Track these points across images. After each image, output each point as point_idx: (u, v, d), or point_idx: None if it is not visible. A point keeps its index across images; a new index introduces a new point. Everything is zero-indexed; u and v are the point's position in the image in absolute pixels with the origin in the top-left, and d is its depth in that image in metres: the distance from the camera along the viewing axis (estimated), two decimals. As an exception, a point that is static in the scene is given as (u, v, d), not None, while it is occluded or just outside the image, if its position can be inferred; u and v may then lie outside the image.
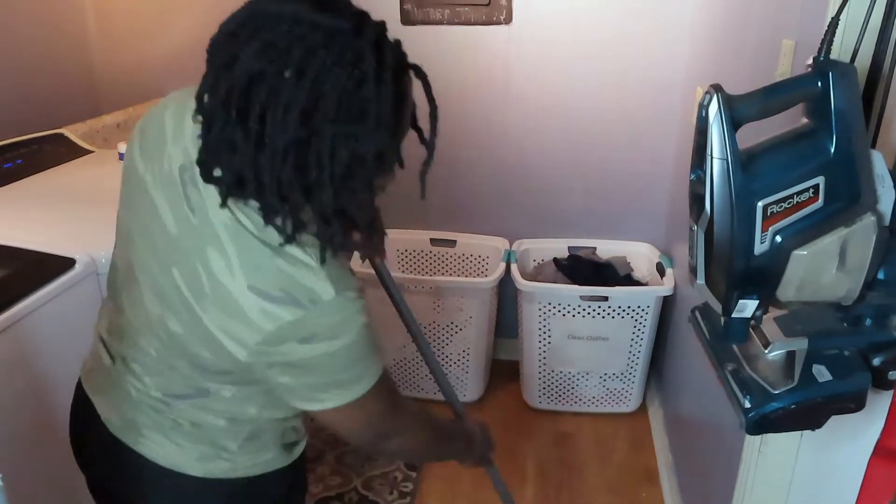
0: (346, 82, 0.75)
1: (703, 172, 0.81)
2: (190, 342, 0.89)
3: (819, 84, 0.82)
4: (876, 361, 0.88)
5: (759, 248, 0.82)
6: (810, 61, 0.85)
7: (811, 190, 0.81)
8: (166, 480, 0.98)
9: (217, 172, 0.81)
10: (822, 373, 0.88)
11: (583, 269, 2.54)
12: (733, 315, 0.87)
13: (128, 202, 0.96)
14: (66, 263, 1.40)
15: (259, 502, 1.05)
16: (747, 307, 0.86)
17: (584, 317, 2.39)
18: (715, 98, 0.79)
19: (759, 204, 0.80)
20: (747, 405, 0.88)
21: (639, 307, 2.37)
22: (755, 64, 1.56)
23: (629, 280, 2.55)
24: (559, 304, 2.38)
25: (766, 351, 0.93)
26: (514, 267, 2.46)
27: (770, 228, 0.81)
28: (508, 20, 2.42)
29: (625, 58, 2.42)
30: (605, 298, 2.35)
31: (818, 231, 0.82)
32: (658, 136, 2.50)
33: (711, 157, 0.80)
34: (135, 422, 0.98)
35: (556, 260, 2.63)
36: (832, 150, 0.81)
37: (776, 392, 0.88)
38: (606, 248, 2.66)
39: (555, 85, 2.49)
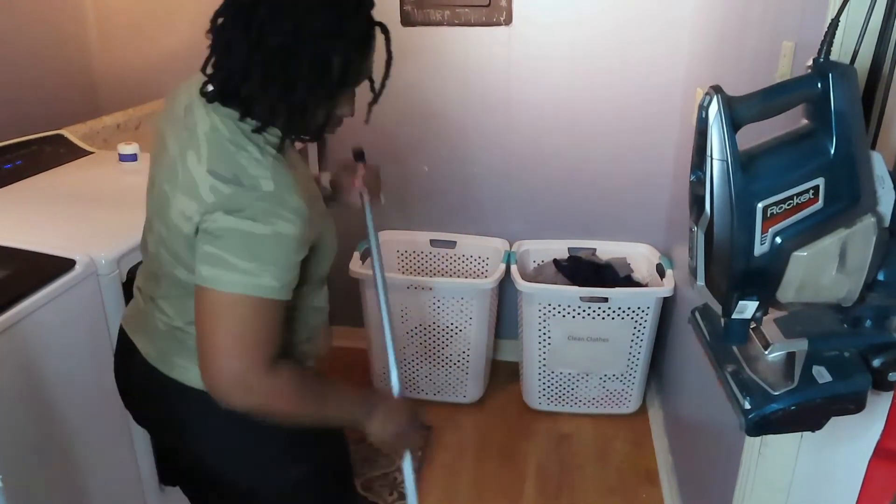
0: (331, 12, 0.99)
1: (703, 173, 0.81)
2: (168, 239, 1.07)
3: (819, 85, 0.82)
4: (876, 363, 0.88)
5: (759, 249, 0.82)
6: (810, 62, 0.85)
7: (811, 191, 0.81)
8: (195, 399, 1.10)
9: (209, 87, 1.04)
10: (822, 374, 0.88)
11: (583, 271, 2.55)
12: (733, 316, 0.87)
13: (153, 159, 1.15)
14: (66, 264, 1.40)
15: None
16: (747, 308, 0.86)
17: (584, 318, 2.39)
18: (715, 99, 0.79)
19: (759, 205, 0.80)
20: (747, 406, 0.88)
21: (639, 308, 2.37)
22: (755, 65, 1.56)
23: (629, 281, 2.55)
24: (559, 306, 2.38)
25: (766, 352, 0.93)
26: (513, 268, 2.46)
27: (770, 230, 0.81)
28: (508, 21, 2.42)
29: (625, 59, 2.42)
30: (605, 299, 2.35)
31: (818, 232, 0.82)
32: (658, 137, 2.50)
33: (711, 159, 0.80)
34: (166, 352, 1.16)
35: (556, 261, 2.63)
36: (832, 152, 0.81)
37: (776, 393, 0.88)
38: (606, 250, 2.66)
39: (554, 86, 2.50)
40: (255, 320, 1.00)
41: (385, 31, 1.09)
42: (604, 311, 2.38)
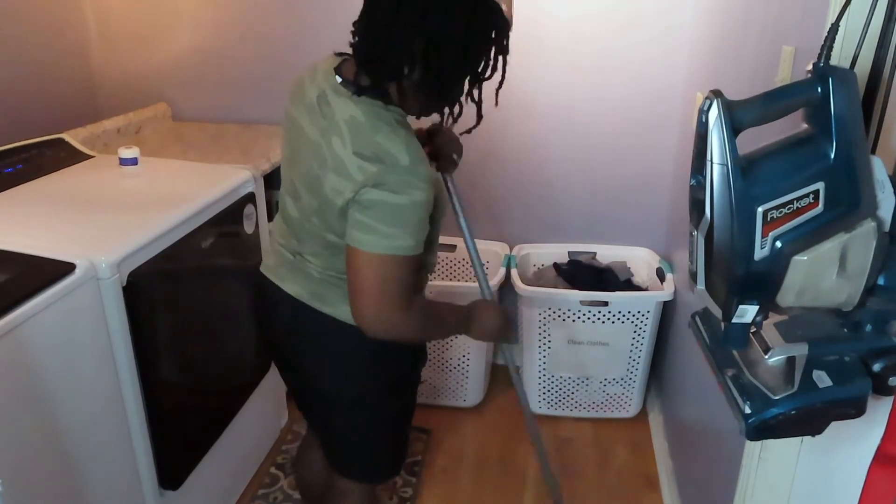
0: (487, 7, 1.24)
1: (704, 178, 0.81)
2: (321, 210, 1.26)
3: (819, 90, 0.82)
4: (876, 367, 0.88)
5: (759, 253, 0.82)
6: (810, 67, 0.85)
7: (811, 195, 0.81)
8: (344, 330, 1.35)
9: (362, 81, 1.21)
10: (822, 378, 0.88)
11: (583, 274, 2.55)
12: (733, 320, 0.87)
13: (288, 140, 1.35)
14: (66, 268, 1.40)
15: (396, 354, 1.42)
16: (747, 312, 0.86)
17: (584, 322, 2.39)
18: (715, 103, 0.79)
19: (759, 209, 0.80)
20: (747, 411, 0.88)
21: (639, 312, 2.37)
22: (755, 69, 1.56)
23: (629, 285, 2.55)
24: (559, 310, 2.38)
25: (767, 356, 0.93)
26: (514, 272, 2.46)
27: (770, 234, 0.81)
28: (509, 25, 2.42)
29: (625, 63, 2.43)
30: (606, 303, 2.35)
31: (818, 237, 0.83)
32: (658, 141, 2.50)
33: (711, 163, 0.80)
34: (321, 293, 1.38)
35: (556, 265, 2.63)
36: (832, 156, 0.81)
37: (776, 398, 0.88)
38: (606, 253, 2.66)
39: (555, 90, 2.50)
40: (396, 272, 1.22)
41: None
42: (604, 315, 2.38)
